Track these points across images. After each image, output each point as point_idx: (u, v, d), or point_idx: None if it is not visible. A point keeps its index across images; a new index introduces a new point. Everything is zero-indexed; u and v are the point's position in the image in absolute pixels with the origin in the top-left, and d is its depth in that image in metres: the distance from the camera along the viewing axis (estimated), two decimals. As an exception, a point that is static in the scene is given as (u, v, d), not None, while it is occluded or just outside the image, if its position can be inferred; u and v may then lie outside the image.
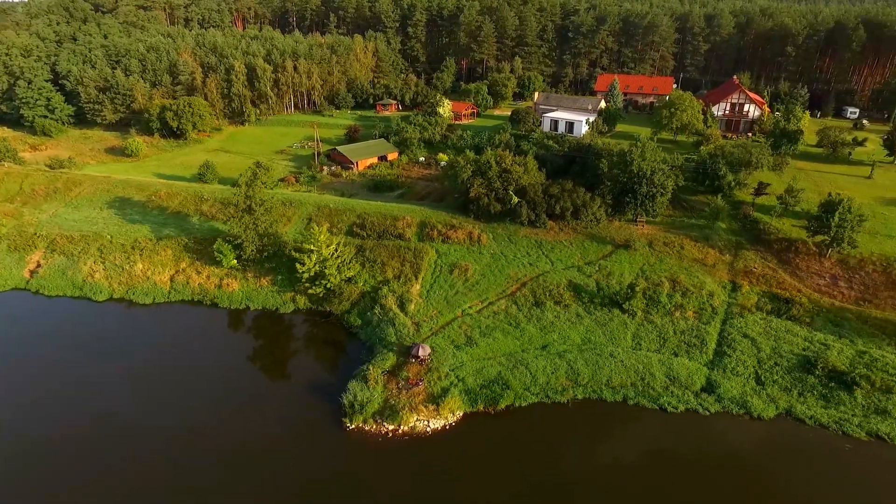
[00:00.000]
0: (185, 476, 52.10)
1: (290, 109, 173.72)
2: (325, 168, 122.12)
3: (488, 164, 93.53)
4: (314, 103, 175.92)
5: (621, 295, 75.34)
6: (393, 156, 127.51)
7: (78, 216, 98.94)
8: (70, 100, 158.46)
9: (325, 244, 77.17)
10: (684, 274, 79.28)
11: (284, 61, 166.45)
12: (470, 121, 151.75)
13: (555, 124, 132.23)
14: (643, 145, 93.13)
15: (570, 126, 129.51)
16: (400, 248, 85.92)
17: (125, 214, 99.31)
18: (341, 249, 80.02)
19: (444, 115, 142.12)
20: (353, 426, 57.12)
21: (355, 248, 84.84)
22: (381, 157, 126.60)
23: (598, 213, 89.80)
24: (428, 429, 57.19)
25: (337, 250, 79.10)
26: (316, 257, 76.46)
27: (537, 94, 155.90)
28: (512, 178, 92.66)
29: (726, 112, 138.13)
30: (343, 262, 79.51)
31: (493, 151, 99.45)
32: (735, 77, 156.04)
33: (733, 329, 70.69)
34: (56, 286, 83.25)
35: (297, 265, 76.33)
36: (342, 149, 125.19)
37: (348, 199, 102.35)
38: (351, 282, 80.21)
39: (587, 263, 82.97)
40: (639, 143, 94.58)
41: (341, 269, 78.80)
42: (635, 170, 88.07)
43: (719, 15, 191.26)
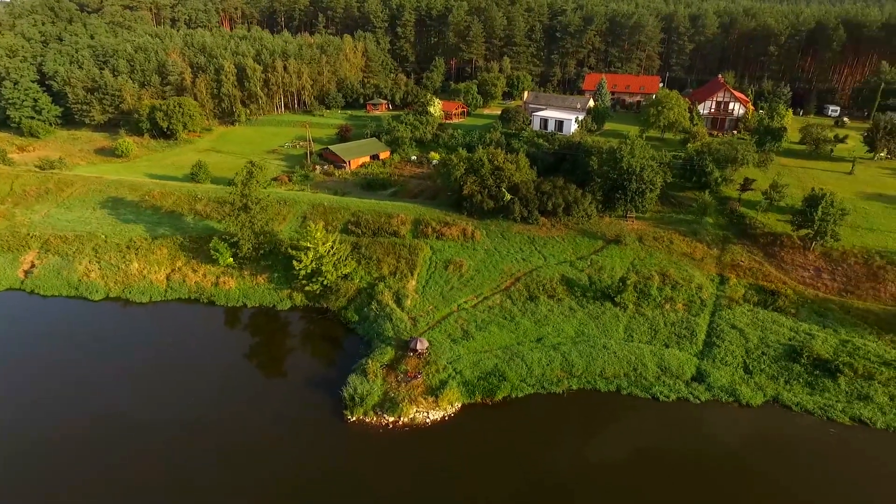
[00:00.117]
0: (188, 471, 52.81)
1: (280, 109, 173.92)
2: (317, 167, 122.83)
3: (481, 162, 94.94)
4: (304, 103, 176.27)
5: (613, 289, 77.07)
6: (385, 155, 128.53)
7: (71, 216, 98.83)
8: (57, 100, 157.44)
9: (321, 241, 78.01)
10: (674, 268, 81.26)
11: (274, 61, 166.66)
12: (460, 120, 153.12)
13: (544, 123, 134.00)
14: (632, 142, 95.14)
15: (560, 124, 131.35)
16: (395, 245, 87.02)
17: (119, 214, 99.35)
18: (337, 247, 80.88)
19: (434, 115, 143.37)
20: (354, 418, 58.18)
21: (351, 245, 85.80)
22: (373, 156, 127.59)
23: (589, 210, 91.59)
24: (427, 420, 58.43)
25: (333, 247, 79.96)
26: (312, 254, 77.25)
27: (526, 94, 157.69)
28: (504, 176, 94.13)
29: (712, 110, 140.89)
30: (339, 259, 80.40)
31: (486, 150, 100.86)
32: (720, 76, 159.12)
33: (722, 320, 72.73)
34: (51, 286, 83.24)
35: (293, 262, 77.12)
36: (334, 148, 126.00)
37: (342, 198, 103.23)
38: (347, 278, 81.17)
39: (579, 258, 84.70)
40: (628, 141, 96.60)
41: (338, 265, 79.69)
42: (625, 166, 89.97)
43: (703, 15, 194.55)
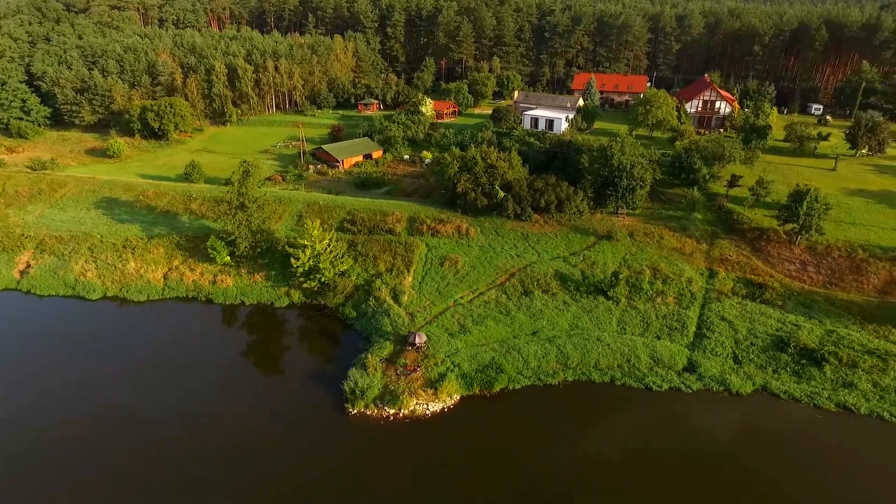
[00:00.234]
0: (191, 467, 53.44)
1: (271, 110, 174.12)
2: (311, 166, 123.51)
3: (474, 161, 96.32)
4: (296, 103, 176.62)
5: (605, 283, 78.82)
6: (378, 154, 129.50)
7: (65, 217, 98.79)
8: (46, 101, 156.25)
9: (318, 239, 78.91)
10: (664, 262, 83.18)
11: (265, 61, 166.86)
12: (452, 119, 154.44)
13: (535, 122, 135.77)
14: (622, 140, 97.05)
15: (550, 123, 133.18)
16: (391, 243, 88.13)
17: (113, 214, 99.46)
18: (334, 244, 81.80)
19: (426, 114, 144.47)
20: (356, 411, 59.26)
21: (347, 243, 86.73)
22: (366, 156, 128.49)
23: (580, 206, 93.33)
24: (427, 412, 59.68)
25: (330, 245, 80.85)
26: (310, 252, 78.12)
27: (517, 93, 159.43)
28: (497, 174, 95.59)
29: (699, 109, 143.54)
30: (336, 256, 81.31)
31: (479, 148, 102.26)
32: (706, 75, 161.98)
33: (711, 313, 74.72)
34: (48, 286, 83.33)
35: (291, 260, 77.91)
36: (328, 147, 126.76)
37: (337, 197, 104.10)
38: (344, 275, 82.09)
39: (572, 254, 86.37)
40: (618, 139, 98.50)
41: (335, 263, 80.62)
42: (615, 164, 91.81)
43: (689, 15, 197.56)
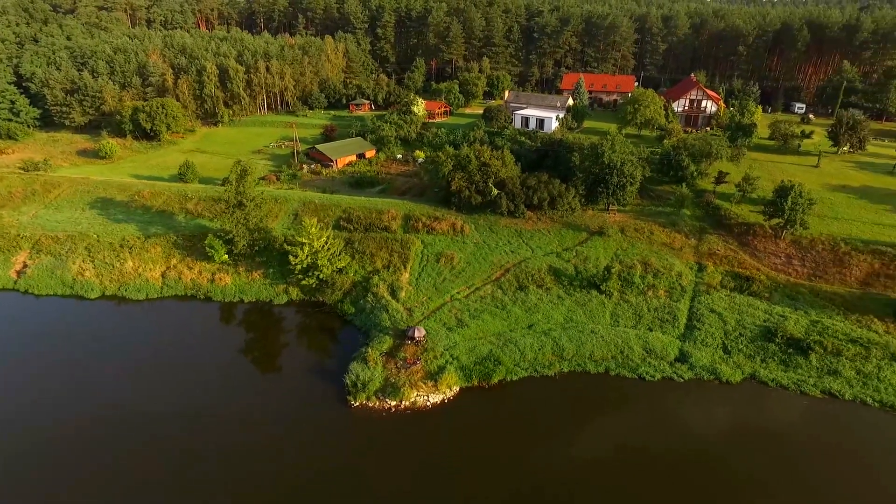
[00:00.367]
0: (197, 463, 54.26)
1: (263, 110, 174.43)
2: (304, 166, 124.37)
3: (468, 159, 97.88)
4: (287, 104, 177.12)
5: (598, 277, 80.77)
6: (371, 153, 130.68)
7: (60, 217, 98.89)
8: (35, 102, 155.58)
9: (316, 237, 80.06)
10: (655, 257, 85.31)
11: (256, 62, 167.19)
12: (443, 119, 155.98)
13: (526, 121, 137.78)
14: (613, 138, 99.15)
15: (541, 122, 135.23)
16: (387, 240, 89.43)
17: (109, 214, 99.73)
18: (331, 242, 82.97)
19: (418, 114, 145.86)
20: (358, 403, 60.61)
21: (343, 240, 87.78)
22: (359, 155, 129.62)
23: (573, 203, 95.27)
24: (428, 403, 61.17)
25: (327, 242, 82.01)
26: (308, 249, 79.26)
27: (507, 93, 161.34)
28: (491, 172, 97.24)
29: (685, 108, 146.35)
30: (334, 253, 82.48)
31: (472, 147, 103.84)
32: (692, 75, 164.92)
33: (701, 305, 76.95)
34: (45, 285, 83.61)
35: (289, 257, 79.00)
36: (321, 147, 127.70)
37: (332, 195, 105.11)
38: (342, 272, 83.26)
39: (565, 249, 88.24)
40: (609, 137, 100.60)
41: (332, 260, 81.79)
42: (606, 161, 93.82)
43: (675, 16, 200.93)
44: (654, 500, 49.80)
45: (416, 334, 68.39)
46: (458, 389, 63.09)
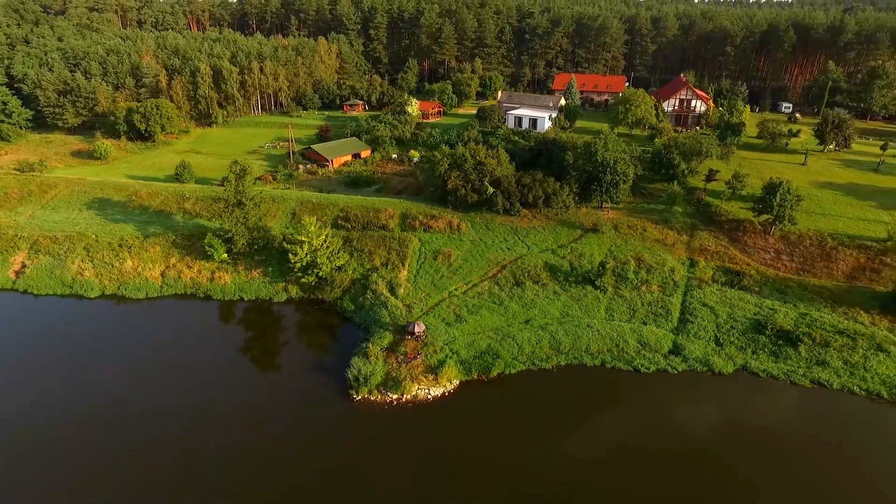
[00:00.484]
0: (201, 456, 55.03)
1: (257, 111, 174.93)
2: (300, 166, 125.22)
3: (464, 158, 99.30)
4: (281, 104, 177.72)
5: (593, 273, 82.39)
6: (366, 153, 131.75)
7: (58, 217, 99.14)
8: (27, 103, 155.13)
9: (315, 235, 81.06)
10: (648, 253, 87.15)
11: (250, 63, 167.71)
12: (437, 119, 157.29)
13: (519, 121, 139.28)
14: (606, 137, 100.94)
15: (534, 122, 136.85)
16: (385, 238, 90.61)
17: (106, 215, 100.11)
18: (330, 240, 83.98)
19: (413, 114, 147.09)
20: (360, 397, 61.74)
21: (342, 239, 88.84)
22: (354, 155, 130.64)
23: (567, 201, 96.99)
24: (429, 396, 62.42)
25: (326, 241, 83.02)
26: (307, 247, 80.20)
27: (500, 93, 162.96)
28: (486, 171, 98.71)
29: (675, 107, 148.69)
30: (332, 251, 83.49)
31: (468, 146, 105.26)
32: (682, 75, 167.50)
33: (693, 299, 78.80)
34: (45, 285, 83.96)
35: (289, 255, 79.91)
36: (317, 147, 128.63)
37: (329, 195, 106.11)
38: (341, 270, 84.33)
39: (560, 246, 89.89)
40: (602, 135, 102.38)
41: (331, 258, 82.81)
42: (600, 159, 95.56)
43: (664, 17, 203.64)
44: (651, 488, 51.32)
45: (416, 329, 69.63)
46: (458, 383, 64.39)
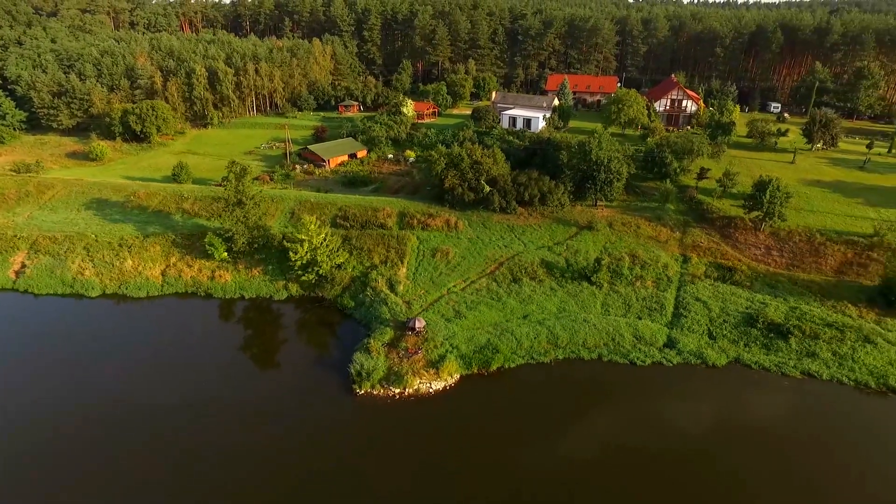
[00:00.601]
0: (204, 453, 55.40)
1: (252, 112, 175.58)
2: (297, 166, 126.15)
3: (460, 157, 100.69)
4: (276, 106, 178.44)
5: (588, 269, 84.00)
6: (362, 153, 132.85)
7: (56, 218, 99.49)
8: (21, 105, 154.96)
9: (315, 233, 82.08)
10: (642, 249, 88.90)
11: (245, 64, 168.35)
12: (432, 119, 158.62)
13: (513, 121, 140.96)
14: (600, 136, 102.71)
15: (528, 122, 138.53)
16: (384, 236, 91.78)
17: (105, 215, 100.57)
18: (329, 238, 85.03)
19: (408, 115, 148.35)
20: (363, 392, 62.84)
21: (341, 237, 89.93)
22: (350, 155, 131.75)
23: (562, 199, 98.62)
24: (430, 390, 63.67)
25: (326, 239, 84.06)
26: (307, 246, 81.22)
27: (495, 94, 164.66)
28: (483, 170, 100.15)
29: (667, 107, 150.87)
30: (332, 249, 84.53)
31: (464, 146, 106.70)
32: (673, 75, 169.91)
33: (687, 294, 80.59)
34: (45, 285, 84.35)
35: (290, 254, 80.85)
36: (314, 147, 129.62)
37: (326, 195, 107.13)
38: (341, 268, 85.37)
39: (556, 243, 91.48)
40: (596, 135, 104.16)
41: (331, 256, 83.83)
42: (594, 158, 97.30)
43: (655, 19, 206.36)
44: (647, 476, 52.84)
45: (417, 325, 70.85)
46: (458, 377, 65.67)
